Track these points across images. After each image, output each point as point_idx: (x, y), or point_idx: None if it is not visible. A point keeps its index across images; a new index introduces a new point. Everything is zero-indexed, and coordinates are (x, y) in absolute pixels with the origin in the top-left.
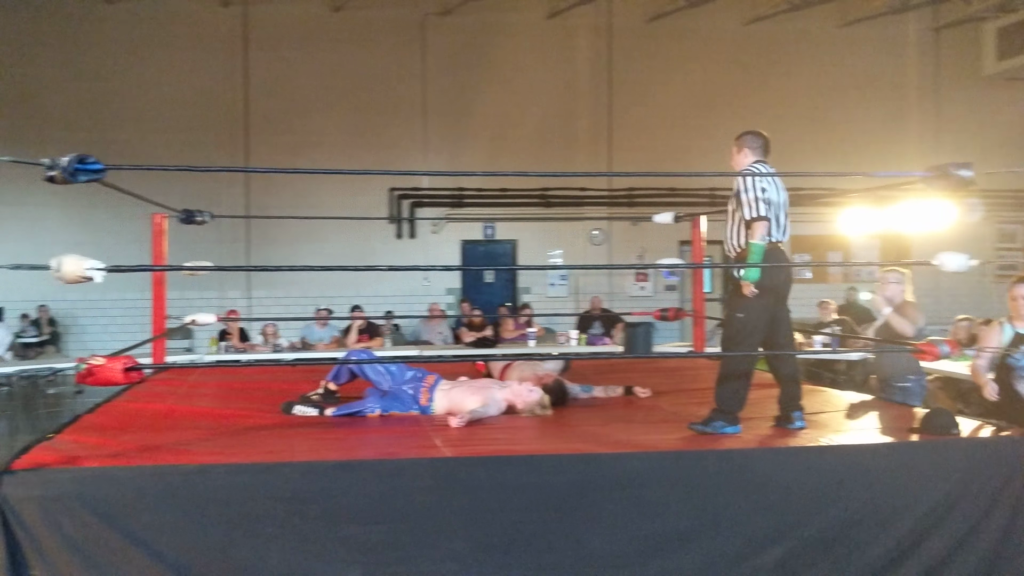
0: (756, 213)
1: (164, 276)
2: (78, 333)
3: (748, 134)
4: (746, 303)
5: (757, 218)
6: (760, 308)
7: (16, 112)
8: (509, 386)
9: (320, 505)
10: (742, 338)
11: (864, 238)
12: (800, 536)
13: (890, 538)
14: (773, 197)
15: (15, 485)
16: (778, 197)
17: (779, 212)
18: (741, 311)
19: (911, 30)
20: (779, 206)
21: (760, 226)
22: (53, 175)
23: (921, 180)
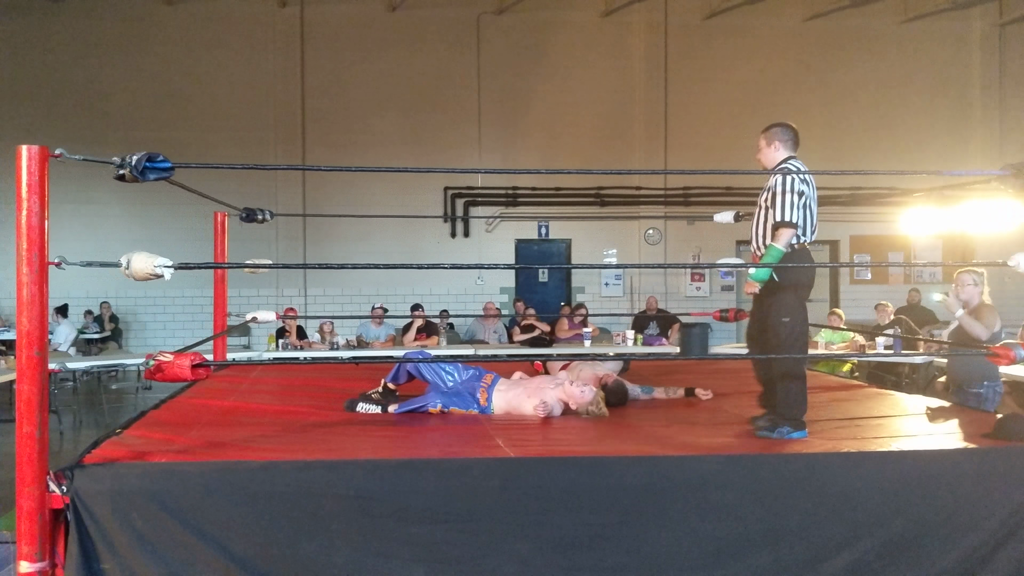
0: (788, 217)
1: (226, 274)
2: (138, 330)
3: (777, 126)
4: (789, 306)
5: (787, 223)
6: (802, 308)
7: (79, 112)
8: (562, 385)
9: (385, 503)
10: (792, 341)
11: (927, 238)
12: (868, 544)
13: (962, 548)
14: (809, 194)
15: (86, 479)
16: (814, 198)
17: (815, 213)
18: (786, 315)
19: (975, 26)
20: (814, 204)
21: (787, 232)
22: (123, 173)
23: (997, 179)
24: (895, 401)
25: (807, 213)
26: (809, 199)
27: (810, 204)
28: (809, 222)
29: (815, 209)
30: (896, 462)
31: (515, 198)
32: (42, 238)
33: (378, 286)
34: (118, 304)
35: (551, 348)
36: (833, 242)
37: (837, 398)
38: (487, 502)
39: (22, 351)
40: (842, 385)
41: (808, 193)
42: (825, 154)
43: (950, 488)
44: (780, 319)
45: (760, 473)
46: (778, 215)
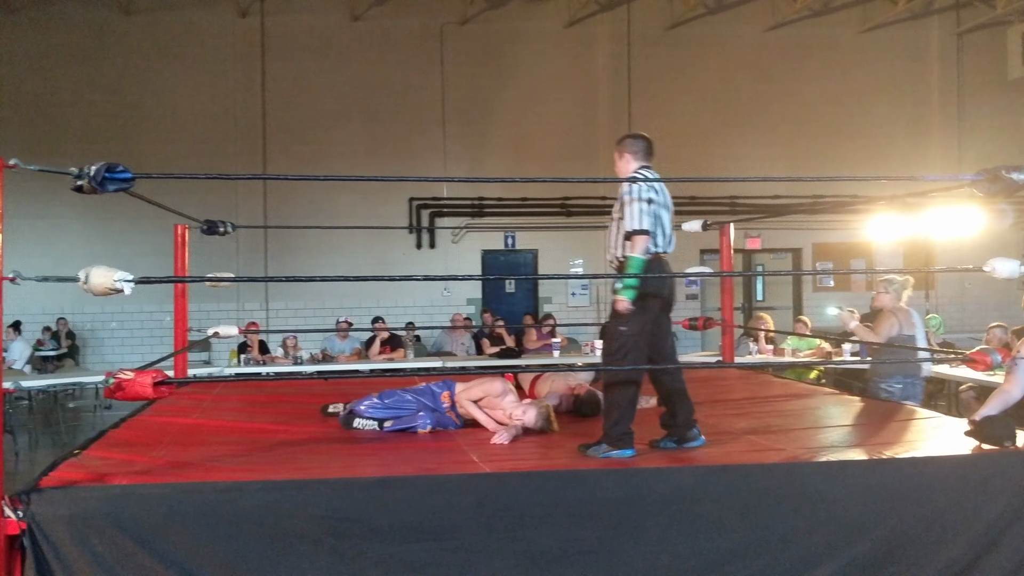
0: (639, 225)
1: (187, 288)
2: (96, 346)
3: (628, 138)
4: (632, 315)
5: (639, 231)
6: (645, 321)
7: (35, 124)
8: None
9: (357, 523)
10: (625, 352)
11: (889, 245)
12: (851, 553)
13: (946, 555)
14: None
15: (43, 503)
16: (665, 206)
17: (665, 222)
18: (624, 324)
19: (934, 35)
20: (665, 216)
21: (641, 240)
22: (81, 184)
23: (971, 183)
24: (866, 408)
25: (657, 221)
26: (659, 207)
27: (659, 213)
28: (660, 231)
29: (666, 218)
30: (877, 470)
31: (481, 208)
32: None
33: (342, 298)
34: (75, 320)
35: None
36: (796, 250)
37: (809, 406)
38: (463, 519)
39: None
40: (812, 392)
41: (658, 201)
42: (787, 162)
43: (932, 496)
44: (618, 327)
45: (740, 484)
46: (627, 224)
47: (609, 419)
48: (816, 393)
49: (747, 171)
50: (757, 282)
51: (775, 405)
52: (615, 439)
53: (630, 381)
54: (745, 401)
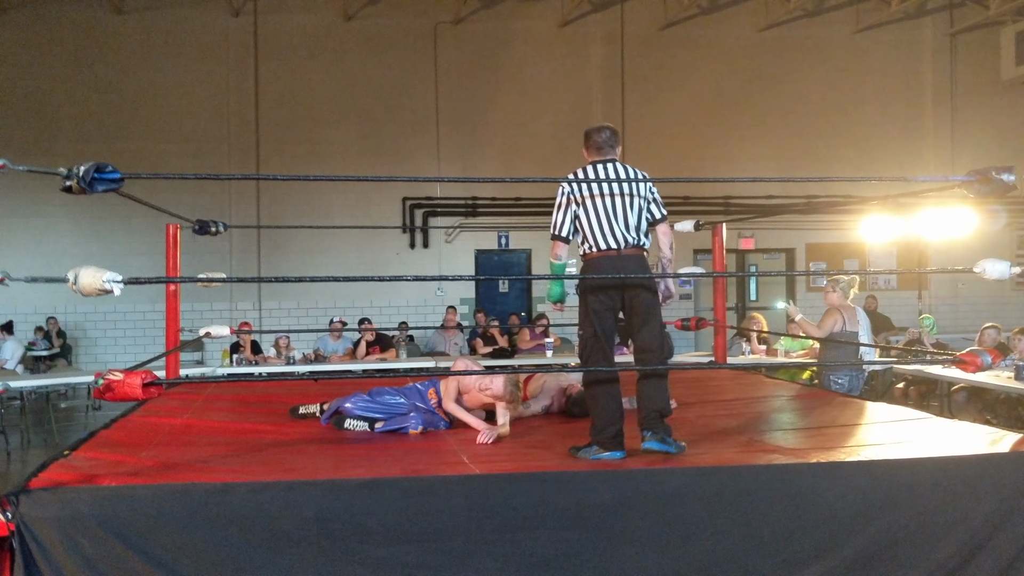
0: (552, 231)
1: (179, 288)
2: (88, 346)
3: (586, 131)
4: (582, 319)
5: (554, 236)
6: (595, 323)
7: (26, 123)
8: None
9: (346, 525)
10: (589, 353)
11: (882, 246)
12: (841, 554)
13: (937, 556)
14: (595, 204)
15: (32, 505)
16: (603, 202)
17: (604, 218)
18: (580, 328)
19: (927, 35)
20: (605, 212)
21: (555, 245)
22: (70, 185)
23: (962, 184)
24: (858, 408)
25: (588, 221)
26: (583, 208)
27: (595, 211)
28: (595, 230)
29: (603, 216)
30: (868, 471)
31: (475, 208)
32: None
33: (335, 298)
34: (67, 320)
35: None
36: (789, 250)
37: (801, 406)
38: (453, 521)
39: None
40: (805, 393)
41: (589, 200)
42: (781, 162)
43: (923, 497)
44: (578, 332)
45: (730, 485)
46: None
47: (594, 422)
48: (808, 394)
49: (740, 171)
50: (750, 282)
51: (767, 406)
52: (604, 441)
53: (600, 382)
54: (737, 402)
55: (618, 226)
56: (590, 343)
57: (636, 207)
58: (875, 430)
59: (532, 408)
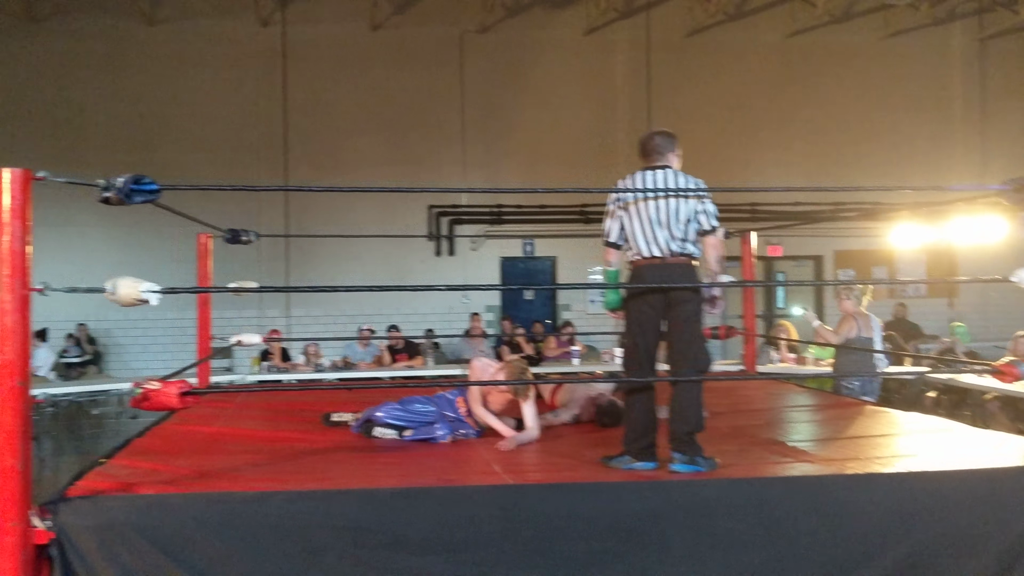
0: (604, 238)
1: (210, 297)
2: (118, 353)
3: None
4: (626, 328)
5: (604, 243)
6: (635, 332)
7: (58, 133)
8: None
9: (380, 534)
10: (627, 366)
11: (911, 253)
12: (877, 567)
13: (972, 569)
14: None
15: (71, 513)
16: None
17: (646, 225)
18: (624, 337)
19: (957, 41)
20: (648, 220)
21: (604, 252)
22: (108, 196)
23: (998, 193)
24: (890, 418)
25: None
26: (628, 215)
27: (630, 219)
28: (638, 237)
29: (642, 223)
30: (904, 483)
31: (500, 216)
32: (24, 265)
33: (362, 306)
34: (97, 327)
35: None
36: (817, 257)
37: (834, 416)
38: (487, 531)
39: (3, 381)
40: (836, 403)
41: (624, 208)
42: (808, 169)
43: (959, 509)
44: (622, 341)
45: (764, 497)
46: None
47: (626, 431)
48: (839, 403)
49: (767, 178)
50: (778, 290)
51: (798, 415)
52: (636, 451)
53: (634, 392)
54: (768, 411)
55: (662, 234)
56: (628, 351)
57: (683, 215)
58: (909, 441)
59: (562, 417)
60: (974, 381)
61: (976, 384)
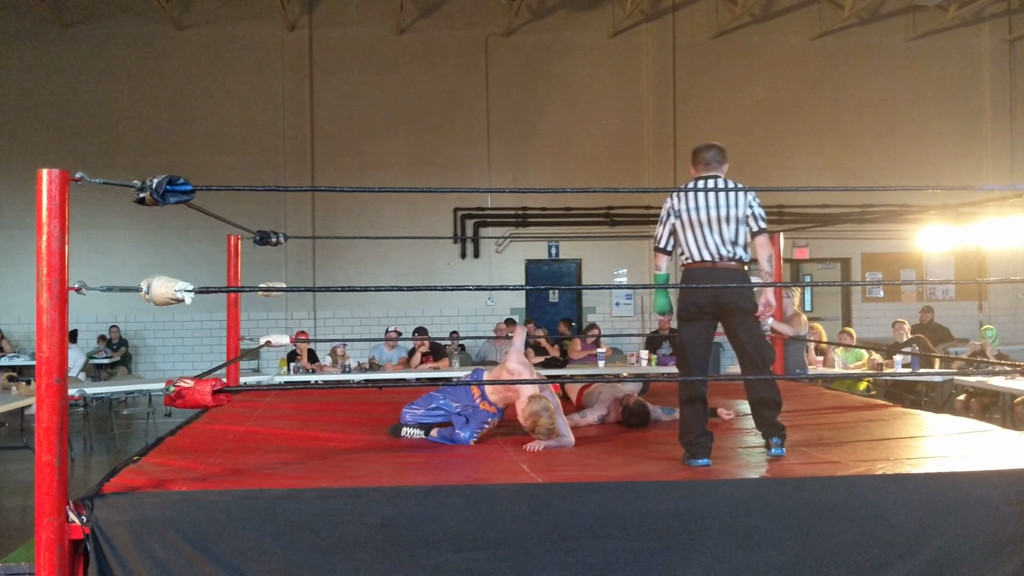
0: (655, 244)
1: (239, 297)
2: (147, 354)
3: (694, 149)
4: (680, 327)
5: (656, 249)
6: (691, 331)
7: (89, 136)
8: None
9: (410, 531)
10: (681, 364)
11: (940, 255)
12: (906, 567)
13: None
14: (692, 216)
15: (106, 509)
16: (699, 215)
17: (699, 229)
18: (679, 336)
19: (985, 42)
20: (700, 223)
21: (656, 257)
22: (143, 197)
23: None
24: (920, 421)
25: (685, 233)
26: (682, 220)
27: (690, 223)
28: (691, 241)
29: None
30: (934, 484)
31: (525, 218)
32: (63, 264)
33: (388, 308)
34: (127, 328)
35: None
36: (845, 260)
37: (862, 418)
38: (515, 529)
39: (41, 378)
40: (865, 405)
41: (679, 214)
42: (835, 171)
43: (989, 511)
44: (679, 339)
45: (794, 497)
46: None
47: (680, 429)
48: (867, 405)
49: (794, 180)
50: (805, 293)
51: (827, 417)
52: (687, 447)
53: (690, 390)
54: (796, 413)
55: (712, 238)
56: (685, 350)
57: (734, 220)
58: (939, 442)
59: (588, 418)
60: (1004, 384)
61: (1007, 387)
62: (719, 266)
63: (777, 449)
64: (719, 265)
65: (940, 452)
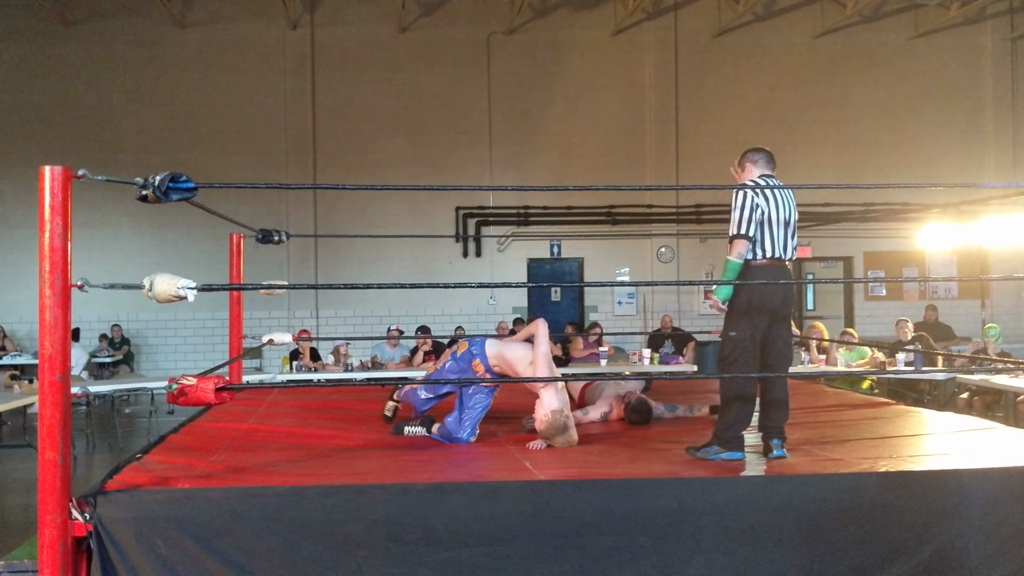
0: (736, 231)
1: (242, 295)
2: (149, 353)
3: (748, 151)
4: (739, 321)
5: (736, 236)
6: (753, 327)
7: (91, 134)
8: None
9: (413, 528)
10: (735, 357)
11: (942, 254)
12: (909, 564)
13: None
14: (771, 213)
15: (109, 506)
16: (776, 213)
17: (776, 228)
18: (734, 329)
19: (987, 40)
20: (777, 222)
21: (738, 244)
22: (146, 194)
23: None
24: (923, 418)
25: (763, 229)
26: (767, 215)
27: (768, 220)
28: (768, 238)
29: (776, 226)
30: (937, 481)
31: (527, 217)
32: (65, 261)
33: (390, 306)
34: (129, 327)
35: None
36: (847, 258)
37: (865, 416)
38: (518, 526)
39: (44, 376)
40: (868, 403)
41: (765, 208)
42: (837, 169)
43: (992, 508)
44: (728, 332)
45: (798, 495)
46: (731, 229)
47: (722, 422)
48: (870, 403)
49: (796, 179)
50: (807, 291)
51: (829, 415)
52: (726, 441)
53: (741, 386)
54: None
55: (786, 238)
56: (740, 346)
57: (793, 221)
58: (942, 440)
59: (591, 415)
60: (1007, 383)
61: (1010, 385)
62: (786, 265)
63: (778, 451)
64: (787, 264)
65: (942, 450)
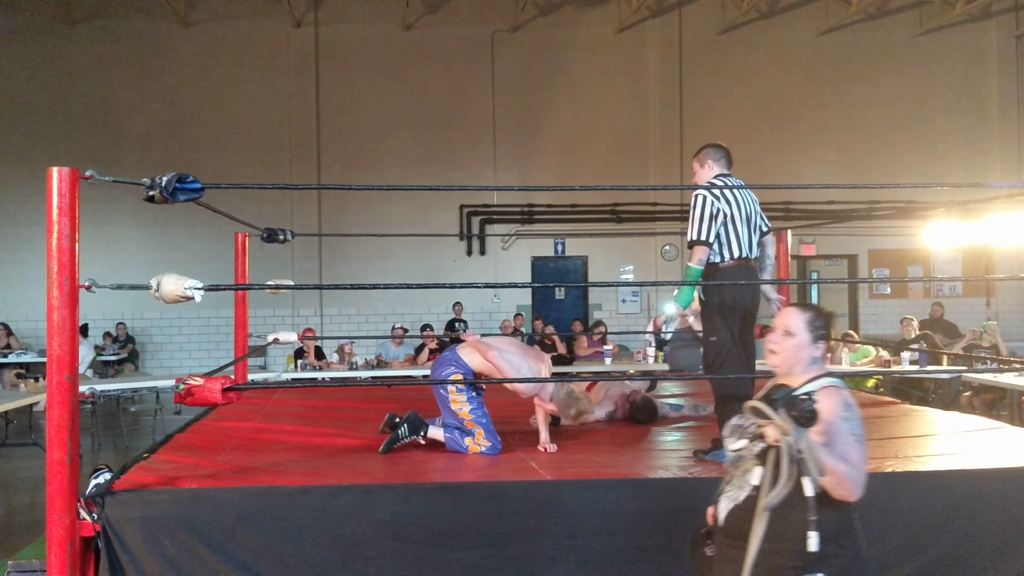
0: (695, 236)
1: (247, 294)
2: (154, 351)
3: (708, 147)
4: (716, 325)
5: (696, 241)
6: (730, 328)
7: (96, 133)
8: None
9: (420, 528)
10: (722, 360)
11: (947, 252)
12: (916, 563)
13: (1013, 567)
14: (733, 213)
15: (117, 506)
16: (739, 212)
17: (740, 227)
18: (714, 334)
19: (992, 38)
20: (741, 221)
21: (699, 250)
22: (152, 195)
23: None
24: (928, 418)
25: (727, 230)
26: (730, 216)
27: (731, 221)
28: (733, 239)
29: (740, 226)
30: (944, 481)
31: (531, 215)
32: (73, 261)
33: (394, 305)
34: (134, 325)
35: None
36: (851, 256)
37: (870, 415)
38: (524, 525)
39: (53, 375)
40: (874, 402)
41: (727, 211)
42: (842, 167)
43: (1000, 507)
44: (709, 338)
45: None
46: (689, 233)
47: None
48: (875, 402)
49: (801, 176)
50: (812, 289)
51: None
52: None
53: (734, 387)
54: None
55: (751, 236)
56: (724, 350)
57: (755, 218)
58: (949, 440)
59: (596, 414)
60: (1012, 381)
61: (1015, 384)
62: (751, 263)
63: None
64: (751, 263)
65: (949, 449)
